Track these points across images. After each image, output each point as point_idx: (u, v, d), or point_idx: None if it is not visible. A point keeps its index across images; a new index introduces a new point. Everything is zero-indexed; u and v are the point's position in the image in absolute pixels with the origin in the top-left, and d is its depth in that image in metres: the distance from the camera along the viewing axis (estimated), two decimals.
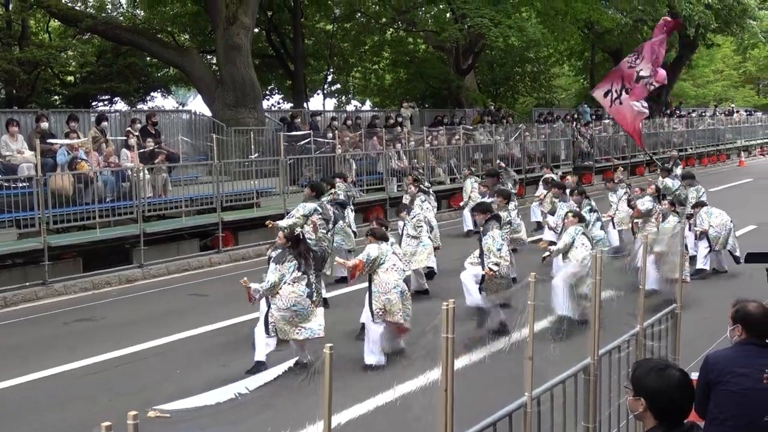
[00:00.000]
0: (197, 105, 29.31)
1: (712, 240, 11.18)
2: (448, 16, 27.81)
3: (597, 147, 25.79)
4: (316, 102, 33.16)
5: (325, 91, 33.22)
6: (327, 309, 8.02)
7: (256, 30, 24.37)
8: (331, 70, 32.38)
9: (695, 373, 3.86)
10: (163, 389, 6.90)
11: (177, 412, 5.95)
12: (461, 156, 20.33)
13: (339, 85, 34.06)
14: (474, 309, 8.67)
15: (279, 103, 32.40)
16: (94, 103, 26.09)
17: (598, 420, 4.21)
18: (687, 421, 3.00)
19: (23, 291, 10.83)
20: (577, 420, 4.12)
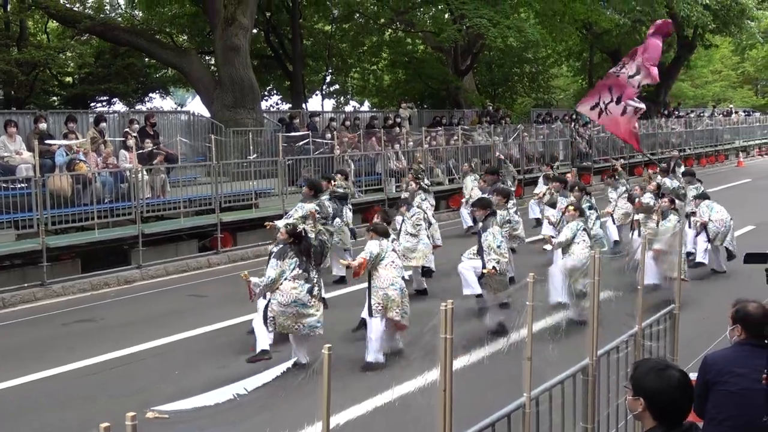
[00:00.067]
0: (196, 106, 29.36)
1: (710, 234, 11.18)
2: (446, 16, 27.81)
3: (595, 147, 25.79)
4: (314, 103, 33.20)
5: (324, 92, 33.23)
6: (326, 309, 8.01)
7: (254, 31, 24.40)
8: (330, 70, 32.37)
9: (694, 374, 3.86)
10: (162, 390, 6.89)
11: (176, 412, 5.97)
12: (460, 157, 20.33)
13: (337, 86, 34.05)
14: (473, 308, 8.66)
15: (277, 104, 32.42)
16: (92, 104, 26.08)
17: (596, 420, 4.22)
18: (686, 422, 3.00)
19: (22, 292, 10.82)
20: (576, 420, 4.12)
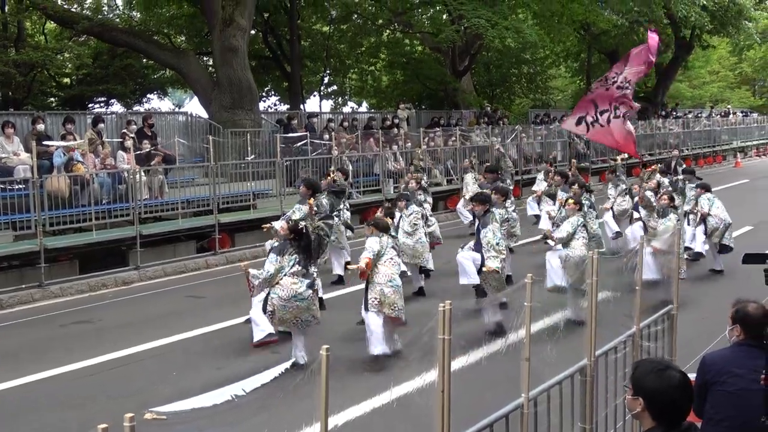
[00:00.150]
0: (193, 107, 29.40)
1: (708, 228, 11.19)
2: (444, 17, 27.82)
3: (593, 148, 25.79)
4: (312, 104, 33.21)
5: (322, 93, 33.20)
6: (324, 310, 8.01)
7: (252, 32, 24.41)
8: (328, 71, 32.36)
9: (692, 374, 3.86)
10: (160, 391, 6.88)
11: (174, 414, 5.96)
12: (458, 157, 20.33)
13: (335, 87, 34.03)
14: (472, 309, 8.66)
15: (275, 105, 32.41)
16: (90, 105, 26.04)
17: (594, 421, 4.22)
18: (685, 422, 3.00)
19: (19, 293, 10.80)
20: (574, 421, 4.13)
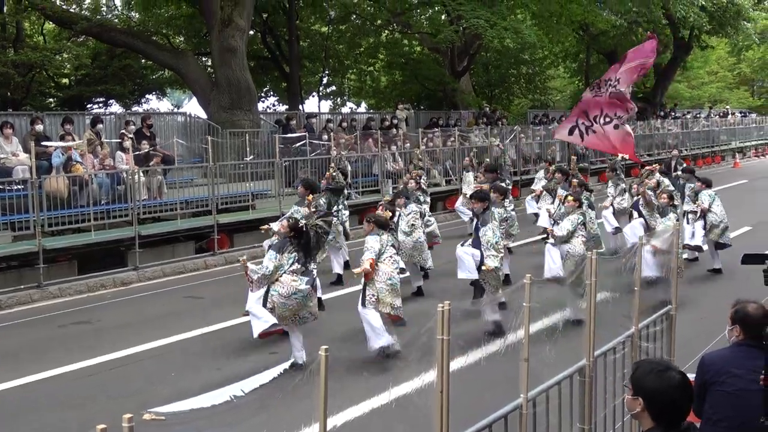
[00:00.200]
0: (192, 107, 29.27)
1: (708, 223, 11.20)
2: (443, 18, 27.82)
3: (592, 149, 25.79)
4: (311, 104, 33.20)
5: (321, 93, 33.22)
6: (323, 311, 8.01)
7: (251, 32, 24.39)
8: (327, 72, 32.37)
9: (691, 374, 3.87)
10: (159, 391, 6.88)
11: (173, 414, 5.97)
12: (456, 158, 20.34)
13: (334, 87, 34.05)
14: (471, 309, 8.66)
15: (274, 106, 32.39)
16: (89, 106, 25.99)
17: (593, 421, 4.22)
18: (684, 422, 3.00)
19: (18, 294, 10.79)
20: (573, 421, 4.13)
